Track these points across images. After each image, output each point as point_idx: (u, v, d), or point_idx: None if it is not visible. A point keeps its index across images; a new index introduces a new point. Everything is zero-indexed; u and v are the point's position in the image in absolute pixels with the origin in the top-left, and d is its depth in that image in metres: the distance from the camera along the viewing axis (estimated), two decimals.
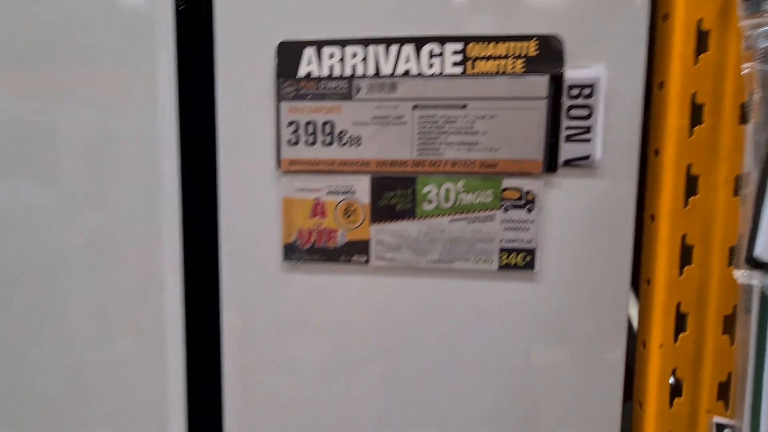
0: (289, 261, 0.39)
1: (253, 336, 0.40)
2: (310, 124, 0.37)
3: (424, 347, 0.39)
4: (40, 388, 0.44)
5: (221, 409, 0.41)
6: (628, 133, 0.36)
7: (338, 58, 0.37)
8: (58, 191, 0.41)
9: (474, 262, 0.37)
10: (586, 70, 0.35)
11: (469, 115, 0.36)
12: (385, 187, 0.38)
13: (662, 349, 0.37)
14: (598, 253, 0.37)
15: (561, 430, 0.38)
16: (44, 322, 0.43)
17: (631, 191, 0.36)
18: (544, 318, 0.38)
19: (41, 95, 0.40)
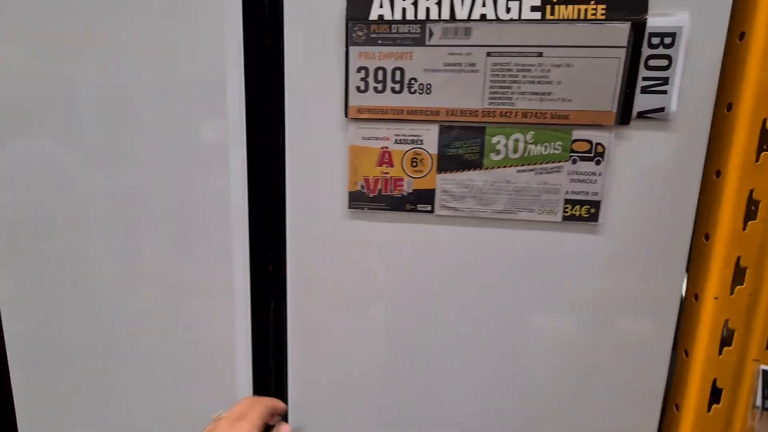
0: (355, 209, 0.40)
1: (318, 282, 0.41)
2: (379, 71, 0.37)
3: (485, 295, 0.40)
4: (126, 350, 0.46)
5: (285, 357, 0.43)
6: (706, 86, 0.35)
7: (411, 1, 0.36)
8: (145, 142, 0.42)
9: (538, 212, 0.38)
10: (670, 17, 0.34)
11: (545, 63, 0.35)
12: (453, 136, 0.37)
13: (717, 301, 0.38)
14: (662, 207, 0.37)
15: (614, 374, 0.40)
16: (124, 279, 0.44)
17: (702, 146, 0.36)
18: (604, 269, 0.38)
19: (111, 51, 0.40)
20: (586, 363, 0.40)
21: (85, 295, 0.46)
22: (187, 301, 0.44)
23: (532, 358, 0.40)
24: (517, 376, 0.41)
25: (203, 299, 0.44)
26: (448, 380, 0.42)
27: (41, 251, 0.45)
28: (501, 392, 0.42)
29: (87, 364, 0.48)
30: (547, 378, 0.41)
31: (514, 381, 0.41)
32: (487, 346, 0.41)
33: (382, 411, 0.43)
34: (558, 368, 0.41)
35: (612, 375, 0.40)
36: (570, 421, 0.42)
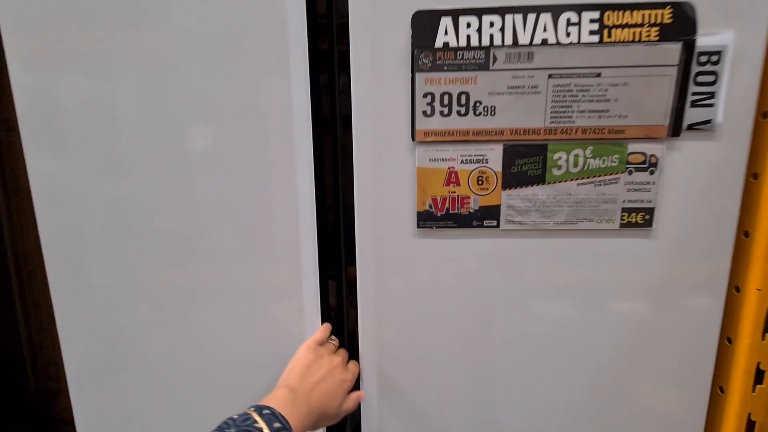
0: (423, 228, 0.41)
1: (388, 299, 0.43)
2: (445, 95, 0.38)
3: (553, 301, 0.42)
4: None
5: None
6: (747, 97, 0.38)
7: (475, 28, 0.37)
8: (208, 174, 0.42)
9: (597, 221, 0.40)
10: (716, 36, 0.36)
11: (603, 83, 0.37)
12: (516, 154, 0.39)
13: (760, 292, 0.41)
14: (708, 209, 0.40)
15: (669, 361, 0.43)
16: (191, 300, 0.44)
17: (744, 153, 0.39)
18: (658, 270, 0.41)
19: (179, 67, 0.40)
20: (646, 351, 0.43)
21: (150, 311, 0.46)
22: (260, 316, 0.45)
23: (594, 350, 0.43)
24: (583, 364, 0.44)
25: (276, 318, 0.44)
26: (522, 378, 0.44)
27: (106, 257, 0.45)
28: (568, 378, 0.44)
29: (149, 381, 0.48)
30: (608, 368, 0.44)
31: (579, 368, 0.44)
32: (554, 345, 0.43)
33: (453, 417, 0.45)
34: (618, 357, 0.43)
35: (667, 361, 0.43)
36: (631, 399, 0.45)
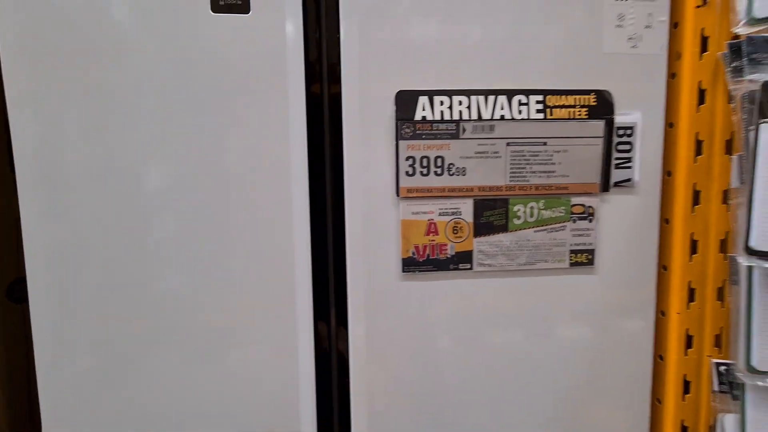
0: (408, 272, 0.46)
1: (378, 339, 0.47)
2: (424, 158, 0.45)
3: (518, 330, 0.48)
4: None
5: (349, 399, 0.47)
6: (654, 161, 0.48)
7: (447, 105, 0.45)
8: (226, 207, 0.44)
9: (551, 262, 0.48)
10: (629, 116, 0.47)
11: (548, 150, 0.46)
12: (484, 207, 0.46)
13: (679, 315, 0.50)
14: (634, 248, 0.49)
15: (612, 379, 0.50)
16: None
17: (656, 203, 0.49)
18: (601, 300, 0.49)
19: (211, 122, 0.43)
20: (594, 370, 0.50)
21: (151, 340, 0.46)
22: (250, 355, 0.46)
23: (551, 370, 0.49)
24: (542, 383, 0.50)
25: (267, 355, 0.46)
26: (492, 393, 0.49)
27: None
28: (529, 397, 0.50)
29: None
30: (563, 387, 0.50)
31: (539, 387, 0.50)
32: (523, 362, 0.49)
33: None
34: (572, 377, 0.50)
35: (612, 378, 0.51)
36: (584, 414, 0.51)
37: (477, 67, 0.45)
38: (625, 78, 0.47)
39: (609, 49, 0.46)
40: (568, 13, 0.46)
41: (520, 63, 0.45)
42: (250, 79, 0.43)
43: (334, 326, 0.48)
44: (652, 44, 0.47)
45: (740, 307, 0.46)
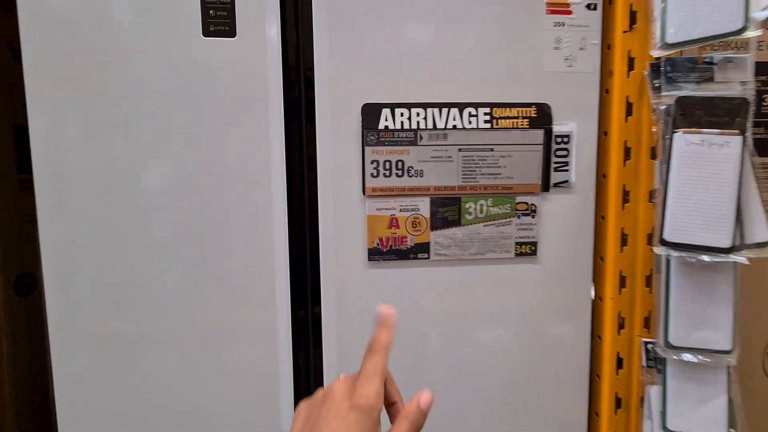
0: (373, 261, 0.53)
1: (346, 321, 0.53)
2: (387, 162, 0.52)
3: (469, 310, 0.55)
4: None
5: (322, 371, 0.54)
6: (589, 165, 0.55)
7: (407, 117, 0.51)
8: (220, 206, 0.51)
9: (499, 252, 0.55)
10: (565, 126, 0.54)
11: (495, 155, 0.53)
12: (440, 204, 0.53)
13: (613, 300, 0.57)
14: (573, 242, 0.56)
15: (556, 352, 0.57)
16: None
17: (591, 201, 0.56)
18: (543, 286, 0.56)
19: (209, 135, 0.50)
20: (540, 342, 0.57)
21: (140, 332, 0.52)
22: (236, 345, 0.53)
23: (499, 348, 0.56)
24: (497, 358, 0.56)
25: (251, 343, 0.53)
26: (448, 363, 0.56)
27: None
28: (482, 375, 0.57)
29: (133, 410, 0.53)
30: (509, 360, 0.57)
31: (488, 359, 0.57)
32: (470, 341, 0.56)
33: None
34: (517, 352, 0.57)
35: (554, 355, 0.57)
36: (526, 391, 0.58)
37: (434, 83, 0.52)
38: (563, 93, 0.54)
39: (548, 68, 0.53)
40: (513, 38, 0.53)
41: (470, 80, 0.52)
42: (237, 92, 0.50)
43: (310, 308, 0.54)
44: (585, 64, 0.54)
45: (660, 292, 0.53)
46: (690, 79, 0.50)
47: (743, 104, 0.48)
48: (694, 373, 0.53)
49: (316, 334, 0.54)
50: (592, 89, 0.54)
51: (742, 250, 0.49)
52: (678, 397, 0.54)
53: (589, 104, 0.55)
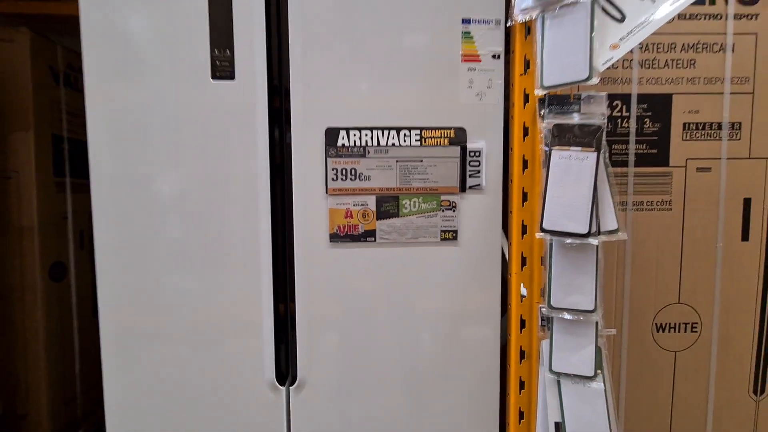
0: (333, 243, 0.71)
1: (316, 285, 0.72)
2: (343, 170, 0.70)
3: (403, 281, 0.73)
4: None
5: (295, 330, 0.72)
6: (496, 172, 0.74)
7: (358, 137, 0.70)
8: (225, 207, 0.70)
9: (428, 238, 0.73)
10: (477, 143, 0.72)
11: (424, 164, 0.71)
12: (383, 201, 0.72)
13: (517, 275, 0.75)
14: (485, 231, 0.74)
15: (473, 316, 0.75)
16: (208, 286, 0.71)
17: (499, 200, 0.74)
18: (462, 264, 0.74)
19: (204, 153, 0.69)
20: (458, 312, 0.75)
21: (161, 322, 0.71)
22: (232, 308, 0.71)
23: (426, 311, 0.74)
24: (418, 317, 0.74)
25: (241, 301, 0.71)
26: (390, 319, 0.74)
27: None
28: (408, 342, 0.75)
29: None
30: (436, 319, 0.75)
31: (417, 319, 0.74)
32: (402, 305, 0.74)
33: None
34: (442, 314, 0.75)
35: (472, 318, 0.75)
36: (450, 343, 0.75)
37: (378, 112, 0.71)
38: (475, 120, 0.72)
39: (464, 101, 0.72)
40: (438, 79, 0.71)
41: (405, 109, 0.71)
42: (235, 118, 0.69)
43: (288, 281, 0.73)
44: (492, 98, 0.72)
45: (546, 267, 0.71)
46: (564, 111, 0.69)
47: (598, 129, 0.67)
48: (570, 328, 0.70)
49: (292, 297, 0.72)
50: (498, 117, 0.73)
51: (599, 235, 0.67)
52: (559, 347, 0.71)
53: (494, 128, 0.73)
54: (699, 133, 0.83)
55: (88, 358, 1.53)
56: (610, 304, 0.85)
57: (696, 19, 0.81)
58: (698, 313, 0.86)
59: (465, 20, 0.71)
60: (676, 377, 0.87)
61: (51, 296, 1.39)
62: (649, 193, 0.84)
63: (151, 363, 0.71)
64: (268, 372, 0.72)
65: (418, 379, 0.75)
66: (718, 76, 0.82)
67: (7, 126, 1.34)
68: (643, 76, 0.82)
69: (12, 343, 1.35)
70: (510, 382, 0.76)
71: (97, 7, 0.66)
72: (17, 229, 1.35)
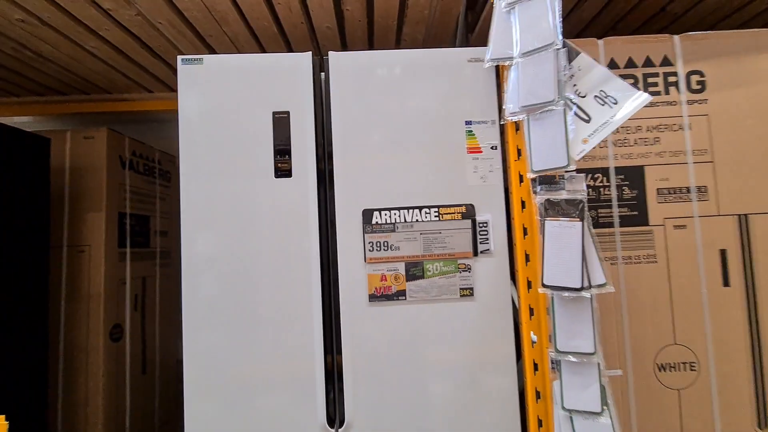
0: (372, 302, 0.87)
1: (358, 338, 0.86)
2: (378, 242, 0.88)
3: (431, 335, 0.87)
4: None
5: (342, 374, 0.86)
6: (501, 238, 0.90)
7: (388, 216, 0.88)
8: (270, 254, 0.87)
9: (449, 295, 0.88)
10: (484, 216, 0.89)
11: (443, 235, 0.88)
12: (411, 266, 0.88)
13: (527, 323, 0.88)
14: (496, 287, 0.89)
15: (494, 356, 0.87)
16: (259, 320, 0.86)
17: (506, 261, 0.90)
18: (479, 316, 0.88)
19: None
20: (478, 353, 0.88)
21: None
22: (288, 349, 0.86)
23: (454, 349, 0.87)
24: (450, 351, 0.87)
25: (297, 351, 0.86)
26: (417, 362, 0.87)
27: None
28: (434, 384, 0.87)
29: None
30: (462, 359, 0.87)
31: (449, 354, 0.87)
32: (433, 345, 0.87)
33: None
34: (465, 353, 0.87)
35: (493, 359, 0.88)
36: (475, 377, 0.87)
37: (404, 195, 0.89)
38: (481, 197, 0.90)
39: (471, 183, 0.90)
40: (450, 168, 0.90)
41: (426, 193, 0.89)
42: (293, 210, 0.88)
43: (333, 337, 0.88)
44: (494, 180, 0.91)
45: (550, 317, 0.84)
46: (552, 189, 0.86)
47: (581, 203, 0.83)
48: (576, 369, 0.82)
49: (338, 351, 0.87)
50: (499, 194, 0.91)
51: (591, 288, 0.81)
52: (568, 387, 0.83)
53: (497, 203, 0.90)
54: (672, 197, 0.98)
55: (136, 413, 1.65)
56: (613, 348, 0.96)
57: (656, 106, 1.00)
58: (694, 352, 0.96)
59: (467, 122, 0.91)
60: (683, 414, 0.96)
61: (110, 356, 1.55)
62: (636, 249, 0.98)
63: (225, 408, 0.85)
64: (321, 416, 0.85)
65: (450, 418, 0.87)
66: (681, 150, 0.99)
67: (85, 207, 1.58)
68: (617, 153, 0.99)
69: (75, 399, 1.49)
70: (529, 421, 0.87)
71: (192, 126, 0.89)
72: (86, 296, 1.54)
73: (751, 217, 0.98)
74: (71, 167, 1.60)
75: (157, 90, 1.91)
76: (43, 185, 1.48)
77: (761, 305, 0.96)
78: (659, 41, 1.02)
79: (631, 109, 0.79)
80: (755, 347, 0.96)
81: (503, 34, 0.89)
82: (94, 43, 1.38)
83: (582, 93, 0.85)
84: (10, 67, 1.55)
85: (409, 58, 0.91)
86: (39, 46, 1.40)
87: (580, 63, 0.86)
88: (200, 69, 0.89)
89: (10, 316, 1.30)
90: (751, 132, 1.00)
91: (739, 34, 1.02)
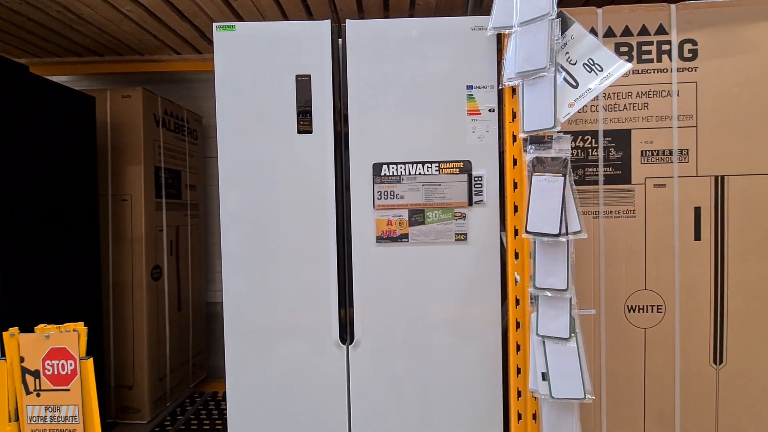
0: (379, 243, 1.02)
1: (367, 272, 1.02)
2: (385, 191, 1.01)
3: (429, 271, 1.02)
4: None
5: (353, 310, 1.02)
6: (494, 191, 1.02)
7: (395, 169, 1.01)
8: (297, 205, 1.03)
9: (446, 239, 1.02)
10: (479, 171, 1.01)
11: (442, 187, 1.01)
12: (413, 213, 1.02)
13: (511, 265, 1.02)
14: (487, 234, 1.03)
15: (481, 291, 1.03)
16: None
17: (497, 211, 1.02)
18: (471, 258, 1.02)
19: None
20: (471, 286, 1.03)
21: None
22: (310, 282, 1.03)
23: (446, 288, 1.02)
24: (441, 292, 1.03)
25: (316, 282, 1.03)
26: (416, 300, 1.03)
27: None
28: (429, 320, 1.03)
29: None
30: (452, 294, 1.03)
31: (441, 294, 1.03)
32: (428, 283, 1.02)
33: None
34: (457, 289, 1.03)
35: (480, 293, 1.03)
36: (464, 314, 1.03)
37: (410, 150, 1.01)
38: (478, 154, 1.01)
39: (469, 142, 1.01)
40: (450, 127, 1.01)
41: (429, 149, 1.01)
42: (314, 160, 1.01)
43: (346, 271, 1.03)
44: (489, 139, 1.02)
45: (531, 258, 0.98)
46: (541, 148, 0.97)
47: (564, 161, 0.94)
48: (551, 303, 0.96)
49: (350, 283, 1.03)
50: (494, 152, 1.02)
51: (568, 235, 0.94)
52: (543, 317, 0.97)
53: (492, 160, 1.02)
54: (654, 158, 1.08)
55: (174, 344, 1.90)
56: (589, 291, 1.10)
57: (647, 73, 1.08)
58: (662, 297, 1.09)
59: (469, 86, 1.01)
60: (647, 350, 1.10)
61: (151, 293, 1.77)
62: (617, 204, 1.09)
63: (256, 328, 1.03)
64: (335, 334, 1.02)
65: (443, 339, 1.03)
66: (668, 115, 1.08)
67: (125, 161, 1.75)
68: (607, 117, 1.08)
69: (123, 330, 1.73)
70: (510, 345, 1.03)
71: (227, 82, 1.02)
72: (129, 240, 1.75)
73: (728, 178, 1.08)
74: (112, 124, 1.76)
75: (185, 52, 2.03)
76: (90, 140, 1.64)
77: (730, 257, 1.08)
78: (657, 10, 1.08)
79: (613, 77, 0.88)
80: (718, 294, 1.08)
81: (505, 3, 0.97)
82: (130, 6, 1.50)
83: (573, 60, 0.94)
84: (54, 29, 1.69)
85: (418, 26, 1.01)
86: (80, 8, 1.52)
87: (573, 32, 0.94)
88: (233, 36, 1.01)
89: (69, 258, 1.51)
90: (736, 99, 1.07)
91: (736, 3, 1.07)
